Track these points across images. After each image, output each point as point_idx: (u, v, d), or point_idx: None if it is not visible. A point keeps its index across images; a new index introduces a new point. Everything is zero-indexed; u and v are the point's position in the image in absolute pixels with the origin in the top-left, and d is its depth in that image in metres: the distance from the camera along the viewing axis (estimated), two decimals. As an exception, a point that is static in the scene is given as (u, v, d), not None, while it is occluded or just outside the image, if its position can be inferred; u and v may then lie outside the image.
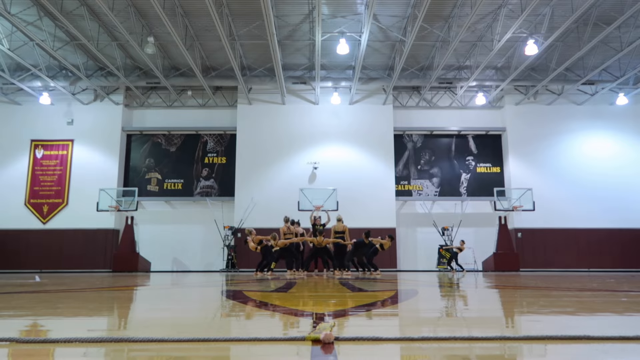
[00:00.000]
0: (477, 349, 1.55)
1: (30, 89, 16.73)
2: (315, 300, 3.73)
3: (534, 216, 16.80)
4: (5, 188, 17.26)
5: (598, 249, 17.00)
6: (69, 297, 4.23)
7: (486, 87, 17.60)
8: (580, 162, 17.67)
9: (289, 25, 14.25)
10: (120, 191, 16.84)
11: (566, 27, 12.59)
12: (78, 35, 13.20)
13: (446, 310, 3.01)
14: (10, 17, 12.01)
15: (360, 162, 17.45)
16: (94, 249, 16.85)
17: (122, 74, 15.82)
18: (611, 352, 1.49)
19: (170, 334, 1.93)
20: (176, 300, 4.17)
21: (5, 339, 1.67)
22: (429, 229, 17.17)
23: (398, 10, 13.29)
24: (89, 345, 1.59)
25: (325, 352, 1.46)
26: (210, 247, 17.37)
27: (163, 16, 11.59)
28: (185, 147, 18.23)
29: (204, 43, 15.32)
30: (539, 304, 3.35)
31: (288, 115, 17.82)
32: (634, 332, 1.76)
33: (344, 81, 17.10)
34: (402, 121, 18.17)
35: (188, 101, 18.35)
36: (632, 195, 17.34)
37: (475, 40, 14.98)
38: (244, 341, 1.68)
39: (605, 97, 17.92)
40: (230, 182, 17.60)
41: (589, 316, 2.57)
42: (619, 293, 4.44)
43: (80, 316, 2.69)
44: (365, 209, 16.82)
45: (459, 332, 1.97)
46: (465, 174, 18.11)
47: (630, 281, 7.36)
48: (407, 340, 1.73)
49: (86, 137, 17.63)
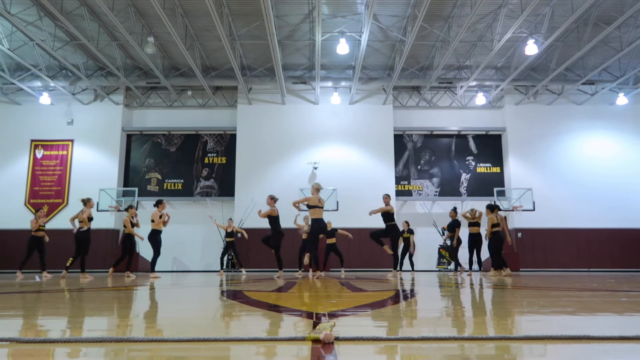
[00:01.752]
0: (477, 349, 1.55)
1: (30, 89, 16.73)
2: (315, 300, 3.73)
3: (534, 216, 16.80)
4: (5, 188, 17.26)
5: (598, 249, 16.99)
6: (68, 297, 4.23)
7: (486, 87, 17.60)
8: (580, 162, 17.67)
9: (289, 25, 14.25)
10: (120, 191, 16.83)
11: (566, 27, 12.60)
12: (78, 35, 13.20)
13: (446, 310, 3.01)
14: (10, 17, 12.01)
15: (360, 162, 17.45)
16: (94, 249, 16.78)
17: (122, 74, 15.82)
18: (611, 352, 1.49)
19: (170, 334, 1.93)
20: (176, 300, 4.17)
21: (5, 339, 1.67)
22: (429, 229, 17.16)
23: (398, 10, 13.29)
24: (89, 345, 1.59)
25: (325, 352, 1.46)
26: (210, 247, 17.37)
27: (163, 16, 11.60)
28: (185, 147, 18.24)
29: (204, 43, 15.32)
30: (539, 304, 3.35)
31: (288, 115, 17.82)
32: (634, 332, 1.76)
33: (344, 81, 17.10)
34: (402, 121, 18.18)
35: (188, 101, 18.35)
36: (632, 195, 17.34)
37: (475, 40, 14.98)
38: (244, 341, 1.68)
39: (605, 97, 17.92)
40: (230, 182, 17.60)
41: (589, 316, 2.57)
42: (619, 293, 4.44)
43: (80, 316, 2.69)
44: (365, 209, 16.70)
45: (459, 332, 1.98)
46: (465, 174, 18.11)
47: (630, 281, 7.36)
48: (407, 340, 1.73)
49: (86, 137, 17.63)
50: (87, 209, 10.33)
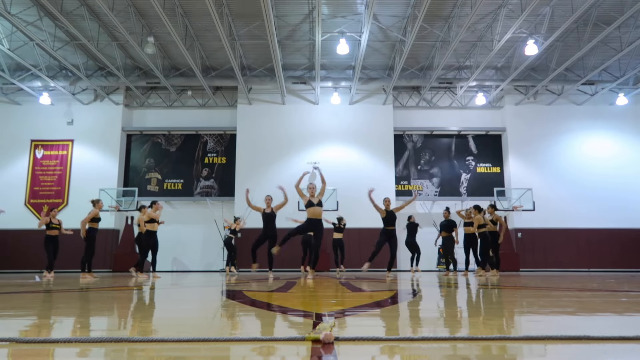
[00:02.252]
0: (477, 349, 1.55)
1: (30, 89, 16.73)
2: (315, 300, 3.73)
3: (534, 216, 16.80)
4: (5, 188, 17.26)
5: (598, 249, 16.99)
6: (69, 297, 4.23)
7: (486, 87, 17.60)
8: (580, 162, 17.67)
9: (289, 25, 14.25)
10: (120, 191, 16.83)
11: (566, 27, 12.59)
12: (78, 35, 13.20)
13: (446, 310, 3.01)
14: (10, 17, 12.01)
15: (360, 162, 17.45)
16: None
17: (122, 74, 15.82)
18: (611, 352, 1.49)
19: (170, 334, 1.93)
20: (176, 300, 4.17)
21: (5, 339, 1.67)
22: (429, 229, 17.15)
23: (398, 10, 13.29)
24: (89, 345, 1.59)
25: (325, 352, 1.46)
26: (210, 247, 17.37)
27: (163, 16, 11.60)
28: (185, 147, 18.24)
29: (204, 43, 15.31)
30: (539, 304, 3.35)
31: (288, 115, 17.82)
32: (634, 332, 1.76)
33: (344, 81, 17.10)
34: (402, 121, 18.18)
35: (188, 101, 18.35)
36: (632, 195, 17.34)
37: (475, 40, 14.98)
38: (244, 341, 1.68)
39: (605, 97, 17.93)
40: (230, 182, 17.60)
41: (589, 316, 2.57)
42: (619, 293, 4.44)
43: (80, 316, 2.69)
44: (365, 209, 16.74)
45: (458, 332, 1.98)
46: (465, 174, 18.11)
47: (630, 281, 7.36)
48: (407, 340, 1.73)
49: (86, 137, 17.63)
50: (96, 210, 10.63)
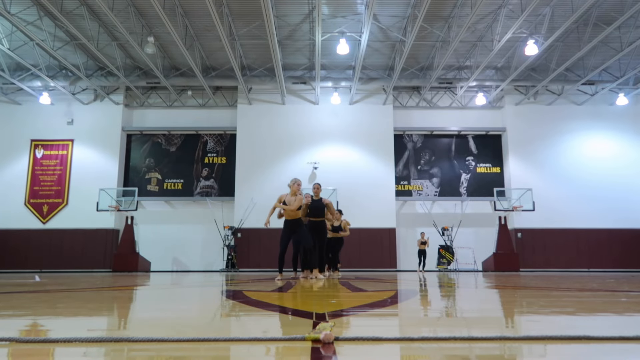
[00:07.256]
0: (477, 349, 1.55)
1: (30, 89, 16.73)
2: (315, 300, 3.73)
3: (534, 216, 16.81)
4: (5, 188, 17.27)
5: (598, 249, 17.00)
6: (69, 297, 4.23)
7: (486, 87, 17.60)
8: (580, 162, 17.68)
9: (289, 25, 14.25)
10: (120, 191, 16.84)
11: (566, 27, 12.60)
12: (78, 35, 13.20)
13: (446, 310, 3.01)
14: (10, 17, 12.02)
15: (360, 162, 17.46)
16: (94, 249, 16.86)
17: (122, 74, 15.82)
18: (611, 352, 1.49)
19: (170, 334, 1.93)
20: (176, 300, 4.17)
21: (5, 339, 1.67)
22: (429, 229, 17.16)
23: (398, 10, 13.30)
24: (89, 345, 1.59)
25: (325, 352, 1.46)
26: (210, 247, 17.38)
27: (163, 16, 11.60)
28: (185, 147, 18.25)
29: (204, 43, 15.32)
30: (539, 304, 3.35)
31: (288, 115, 17.83)
32: (634, 332, 1.76)
33: (344, 81, 17.10)
34: (402, 121, 18.18)
35: (188, 101, 18.36)
36: (632, 195, 17.35)
37: (475, 40, 14.99)
38: (244, 341, 1.68)
39: (605, 98, 17.93)
40: (230, 182, 17.61)
41: (589, 316, 2.57)
42: (619, 293, 4.44)
43: (80, 316, 2.69)
44: (365, 209, 16.83)
45: (458, 332, 1.98)
46: (465, 174, 18.12)
47: (630, 281, 7.36)
48: (407, 340, 1.73)
49: (86, 137, 17.64)
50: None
